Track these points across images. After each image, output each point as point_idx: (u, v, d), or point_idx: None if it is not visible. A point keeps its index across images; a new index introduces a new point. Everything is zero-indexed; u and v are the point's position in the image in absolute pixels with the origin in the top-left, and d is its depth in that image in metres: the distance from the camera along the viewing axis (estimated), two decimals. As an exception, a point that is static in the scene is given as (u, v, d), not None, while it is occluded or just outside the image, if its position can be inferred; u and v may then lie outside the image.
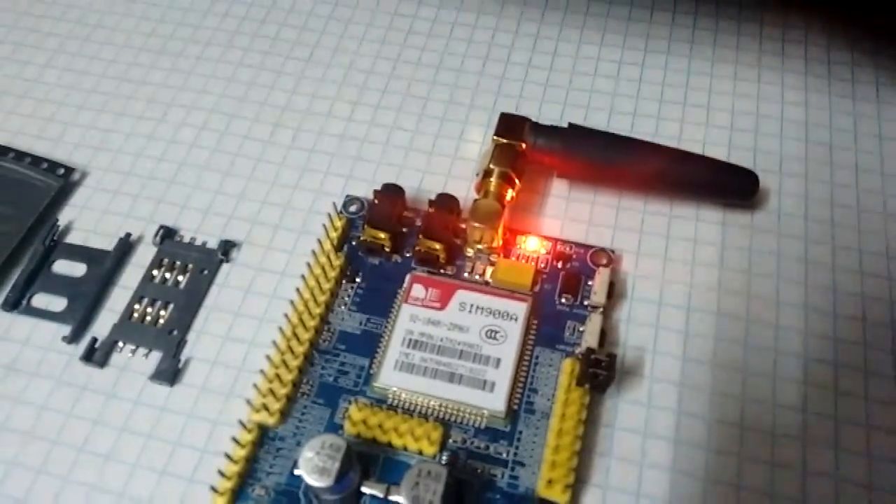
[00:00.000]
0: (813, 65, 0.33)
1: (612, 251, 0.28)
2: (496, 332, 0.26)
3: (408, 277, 0.27)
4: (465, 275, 0.27)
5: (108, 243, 0.29)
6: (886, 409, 0.25)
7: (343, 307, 0.27)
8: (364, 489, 0.23)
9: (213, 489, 0.23)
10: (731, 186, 0.29)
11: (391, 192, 0.28)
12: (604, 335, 0.26)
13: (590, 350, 0.24)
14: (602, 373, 0.23)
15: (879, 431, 0.24)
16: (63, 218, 0.30)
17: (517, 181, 0.28)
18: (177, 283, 0.28)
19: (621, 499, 0.23)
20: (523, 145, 0.28)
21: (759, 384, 0.25)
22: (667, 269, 0.28)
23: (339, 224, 0.28)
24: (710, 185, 0.29)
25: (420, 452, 0.24)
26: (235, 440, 0.23)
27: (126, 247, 0.29)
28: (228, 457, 0.23)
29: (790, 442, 0.24)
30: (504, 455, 0.24)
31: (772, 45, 0.34)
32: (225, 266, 0.29)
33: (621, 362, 0.26)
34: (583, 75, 0.33)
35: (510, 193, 0.28)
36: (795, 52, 0.34)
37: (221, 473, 0.23)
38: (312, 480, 0.21)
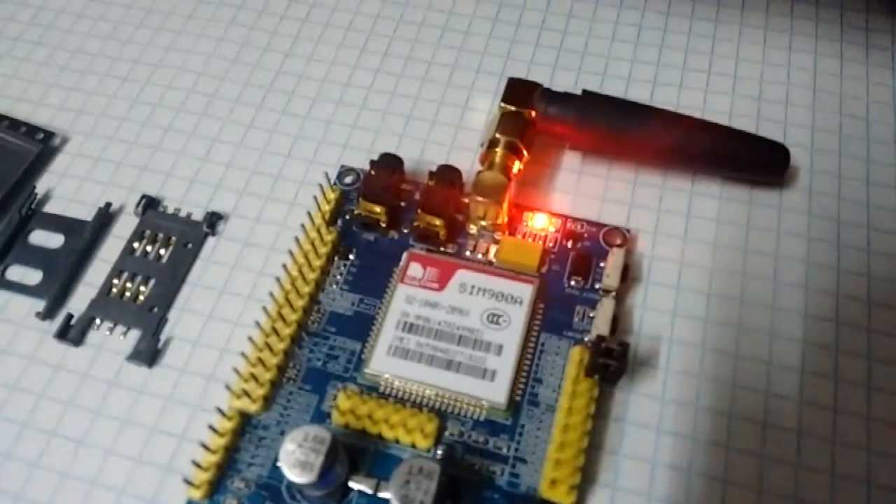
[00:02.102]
0: (850, 32, 0.31)
1: (628, 230, 0.26)
2: (499, 317, 0.24)
3: (404, 255, 0.25)
4: (467, 253, 0.25)
5: (87, 213, 0.27)
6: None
7: (334, 286, 0.25)
8: (352, 484, 0.21)
9: (188, 482, 0.21)
10: (759, 161, 0.26)
11: (388, 163, 0.26)
12: (616, 322, 0.24)
13: (600, 338, 0.22)
14: (613, 363, 0.21)
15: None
16: (41, 185, 0.28)
17: (525, 152, 0.26)
18: (159, 256, 0.26)
19: (632, 500, 0.21)
20: (533, 113, 0.26)
21: (784, 378, 0.23)
22: (686, 251, 0.26)
23: (331, 196, 0.26)
24: (736, 159, 0.26)
25: (413, 445, 0.22)
26: (213, 428, 0.22)
27: (106, 217, 0.27)
28: (205, 446, 0.21)
29: (818, 442, 0.22)
30: (504, 451, 0.22)
31: (805, 10, 0.31)
32: (210, 239, 0.27)
33: (634, 352, 0.24)
34: (600, 39, 0.31)
35: (517, 166, 0.26)
36: (831, 17, 0.31)
37: (197, 464, 0.21)
38: (293, 476, 0.19)
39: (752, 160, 0.26)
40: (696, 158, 0.26)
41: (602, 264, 0.25)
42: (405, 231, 0.26)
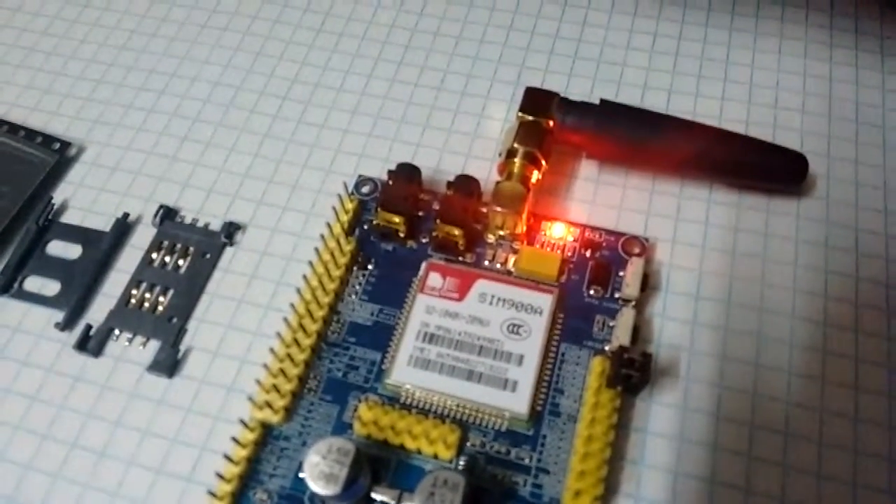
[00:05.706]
0: (865, 40, 0.31)
1: (646, 239, 0.26)
2: (519, 327, 0.24)
3: (423, 265, 0.25)
4: (486, 263, 0.25)
5: (104, 223, 0.27)
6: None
7: (353, 296, 0.25)
8: (374, 495, 0.21)
9: (211, 493, 0.21)
10: (777, 170, 0.26)
11: (406, 173, 0.26)
12: (636, 331, 0.23)
13: (622, 348, 0.22)
14: (635, 374, 0.21)
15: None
16: (58, 196, 0.28)
17: (543, 162, 0.26)
18: (177, 267, 0.26)
19: (654, 511, 0.22)
20: (551, 123, 0.26)
21: (805, 387, 0.23)
22: (705, 260, 0.26)
23: (350, 206, 0.26)
24: (754, 168, 0.26)
25: (435, 456, 0.22)
26: (236, 440, 0.22)
27: (124, 227, 0.27)
28: (228, 458, 0.21)
29: (840, 453, 0.22)
30: (526, 461, 0.22)
31: (820, 18, 0.32)
32: (228, 249, 0.27)
33: (655, 361, 0.24)
34: (614, 48, 0.31)
35: (536, 175, 0.26)
36: (845, 25, 0.31)
37: (220, 476, 0.21)
38: (318, 488, 0.19)
39: (771, 169, 0.26)
40: (714, 167, 0.26)
41: (621, 273, 0.25)
42: (424, 241, 0.26)
